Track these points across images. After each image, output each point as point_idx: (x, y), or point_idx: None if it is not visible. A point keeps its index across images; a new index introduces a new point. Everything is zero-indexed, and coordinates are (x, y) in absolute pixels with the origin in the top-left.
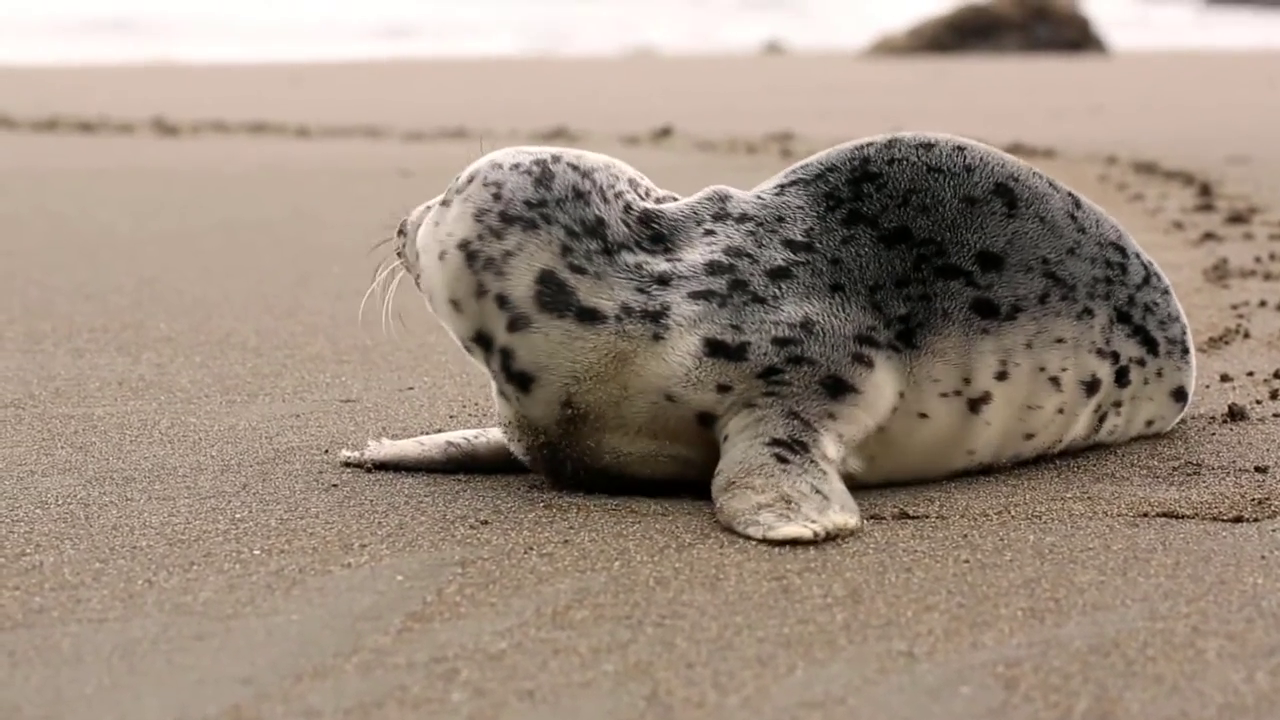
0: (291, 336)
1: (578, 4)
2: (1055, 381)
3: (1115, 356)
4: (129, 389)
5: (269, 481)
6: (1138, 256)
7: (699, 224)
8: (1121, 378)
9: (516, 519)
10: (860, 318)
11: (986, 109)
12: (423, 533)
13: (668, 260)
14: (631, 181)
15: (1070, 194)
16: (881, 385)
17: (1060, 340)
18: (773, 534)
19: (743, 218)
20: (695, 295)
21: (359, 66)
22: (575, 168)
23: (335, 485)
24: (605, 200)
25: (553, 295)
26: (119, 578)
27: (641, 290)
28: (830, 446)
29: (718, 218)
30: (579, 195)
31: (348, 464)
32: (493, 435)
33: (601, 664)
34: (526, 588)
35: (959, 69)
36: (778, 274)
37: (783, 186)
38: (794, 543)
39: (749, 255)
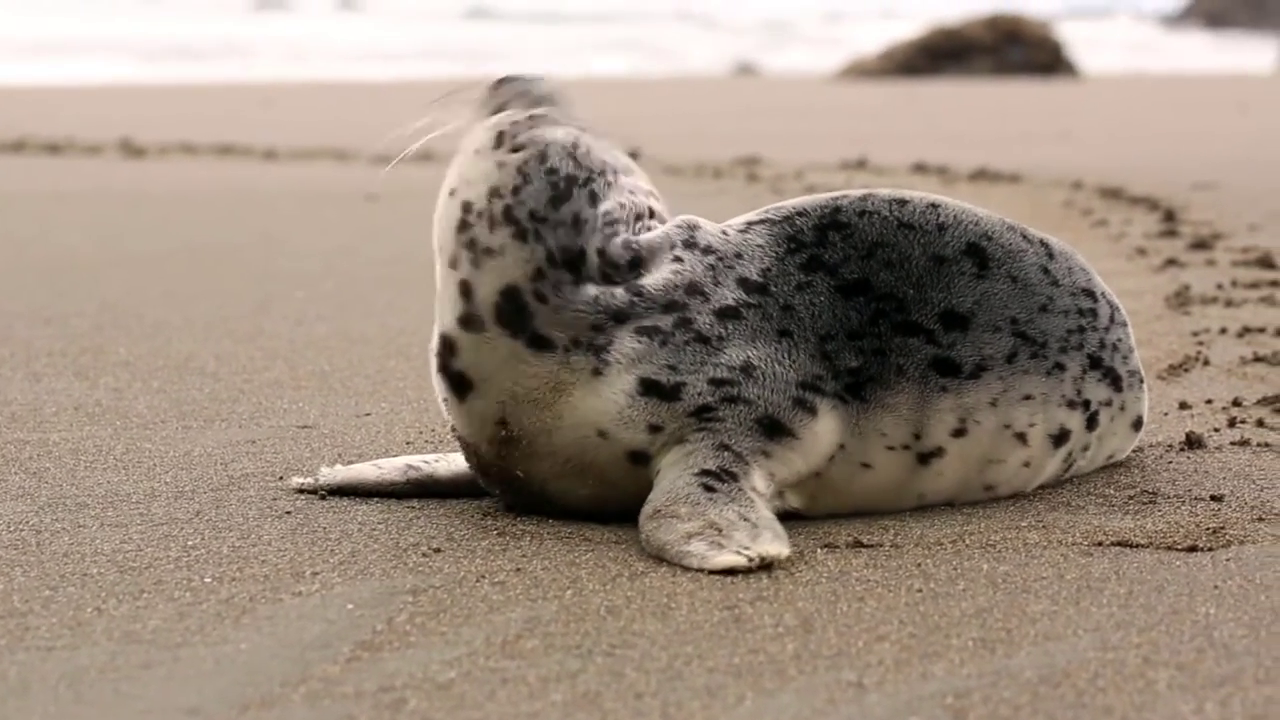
0: (250, 361)
1: (543, 27)
2: (1021, 437)
3: (1086, 404)
4: (85, 414)
5: (222, 508)
6: (1104, 296)
7: (671, 249)
8: (1092, 422)
9: (469, 546)
10: (807, 365)
11: (954, 132)
12: (375, 560)
13: (628, 291)
14: (638, 215)
15: (1043, 242)
16: (820, 434)
17: (1028, 397)
18: (708, 564)
19: (707, 249)
20: (640, 331)
21: (330, 88)
22: (594, 196)
23: (289, 512)
24: (597, 231)
25: (511, 313)
26: (68, 605)
27: (594, 327)
28: (760, 481)
29: (688, 245)
30: (577, 223)
31: (301, 490)
32: (453, 459)
33: (550, 694)
34: (477, 616)
35: (929, 92)
36: (726, 314)
37: (750, 224)
38: (730, 572)
39: (702, 293)
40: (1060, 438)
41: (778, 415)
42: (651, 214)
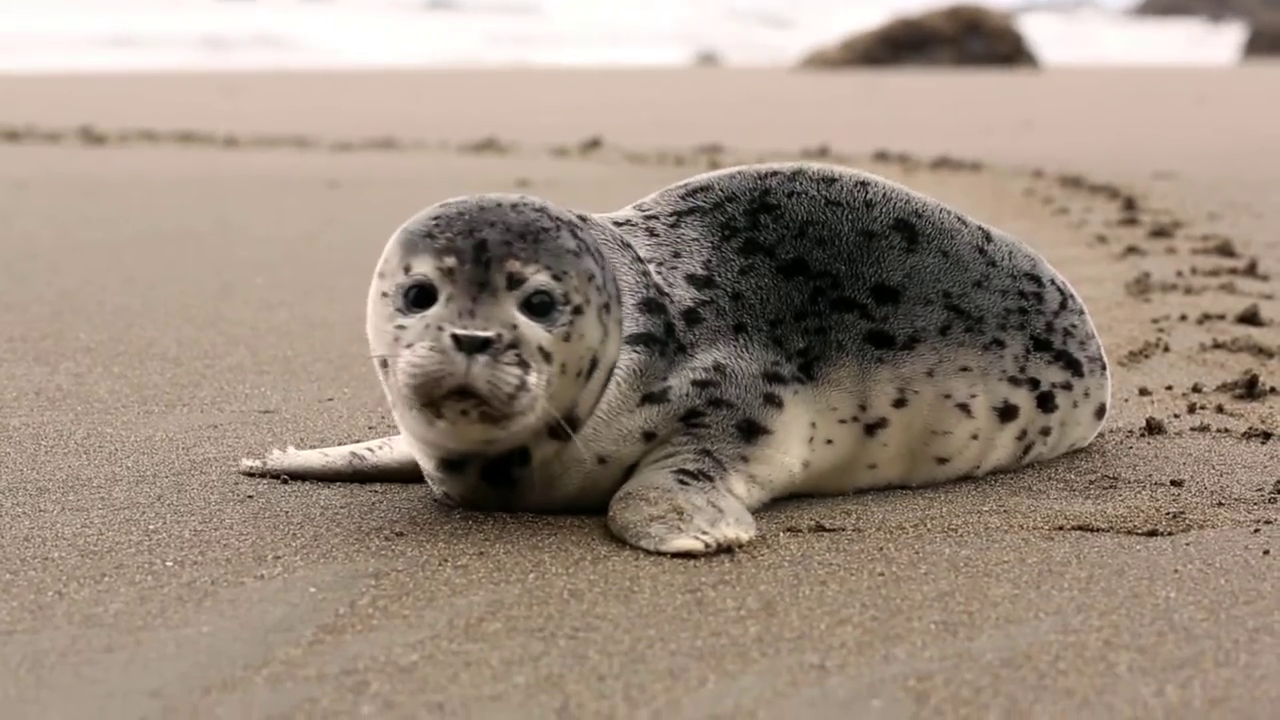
0: (212, 347)
1: (502, 18)
2: (965, 408)
3: (1034, 383)
4: (45, 399)
5: (184, 493)
6: (1053, 282)
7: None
8: (1046, 403)
9: (431, 531)
10: (763, 355)
11: (916, 122)
12: (337, 544)
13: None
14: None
15: (981, 228)
16: (791, 422)
17: (965, 369)
18: (664, 547)
19: (637, 258)
20: (635, 341)
21: (290, 76)
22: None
23: (250, 497)
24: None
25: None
26: (29, 589)
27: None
28: (739, 485)
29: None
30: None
31: (249, 473)
32: (397, 446)
33: (513, 676)
34: (440, 600)
35: (890, 82)
36: (689, 315)
37: (679, 215)
38: (687, 555)
39: (668, 295)
40: (1006, 412)
41: (753, 415)
42: None
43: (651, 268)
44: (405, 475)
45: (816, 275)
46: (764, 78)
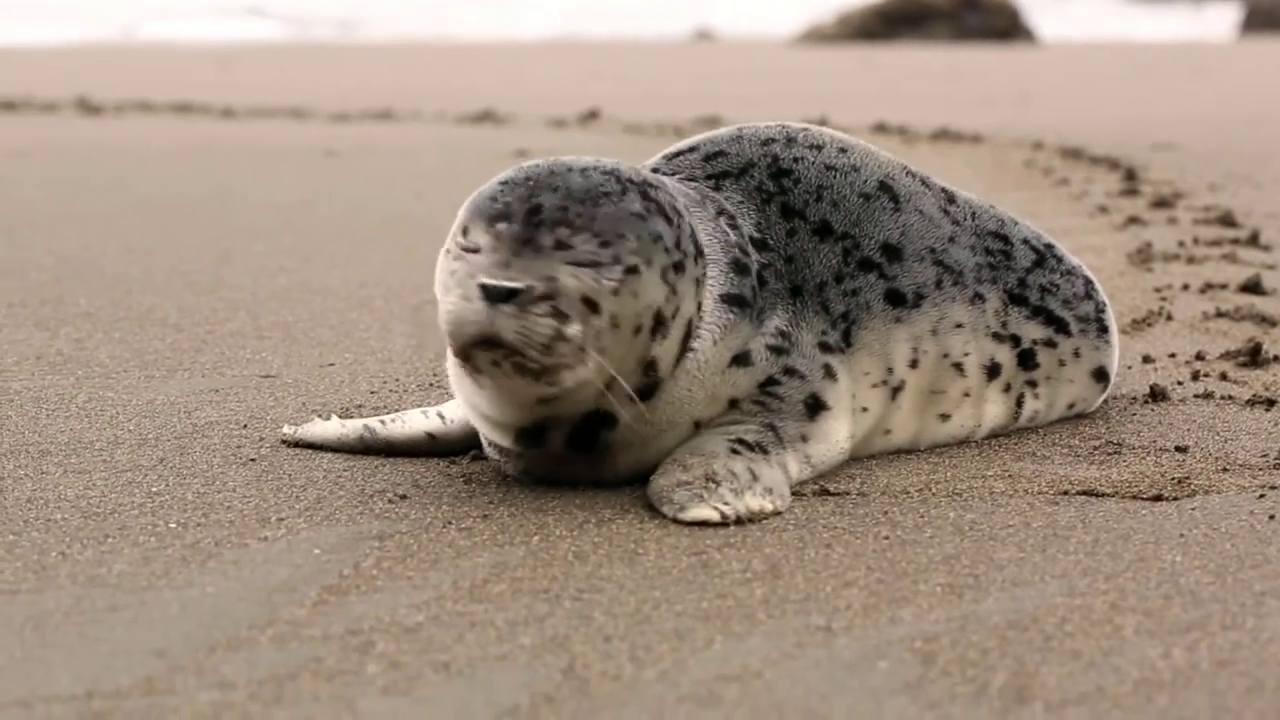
0: (213, 312)
1: None
2: (959, 367)
3: (1015, 339)
4: (46, 364)
5: (186, 456)
6: (1025, 242)
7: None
8: (1027, 360)
9: (435, 493)
10: (815, 323)
11: (914, 95)
12: (341, 507)
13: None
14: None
15: (944, 190)
16: (843, 395)
17: (960, 325)
18: (682, 515)
19: (720, 211)
20: (726, 300)
21: (286, 49)
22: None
23: (253, 460)
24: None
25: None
26: (32, 550)
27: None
28: (793, 464)
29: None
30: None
31: (285, 441)
32: (410, 420)
33: (518, 637)
34: (444, 561)
35: (888, 57)
36: (759, 278)
37: (715, 179)
38: (703, 524)
39: (749, 252)
40: (993, 370)
41: (816, 389)
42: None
43: (726, 223)
44: (416, 451)
45: (842, 237)
46: (761, 51)
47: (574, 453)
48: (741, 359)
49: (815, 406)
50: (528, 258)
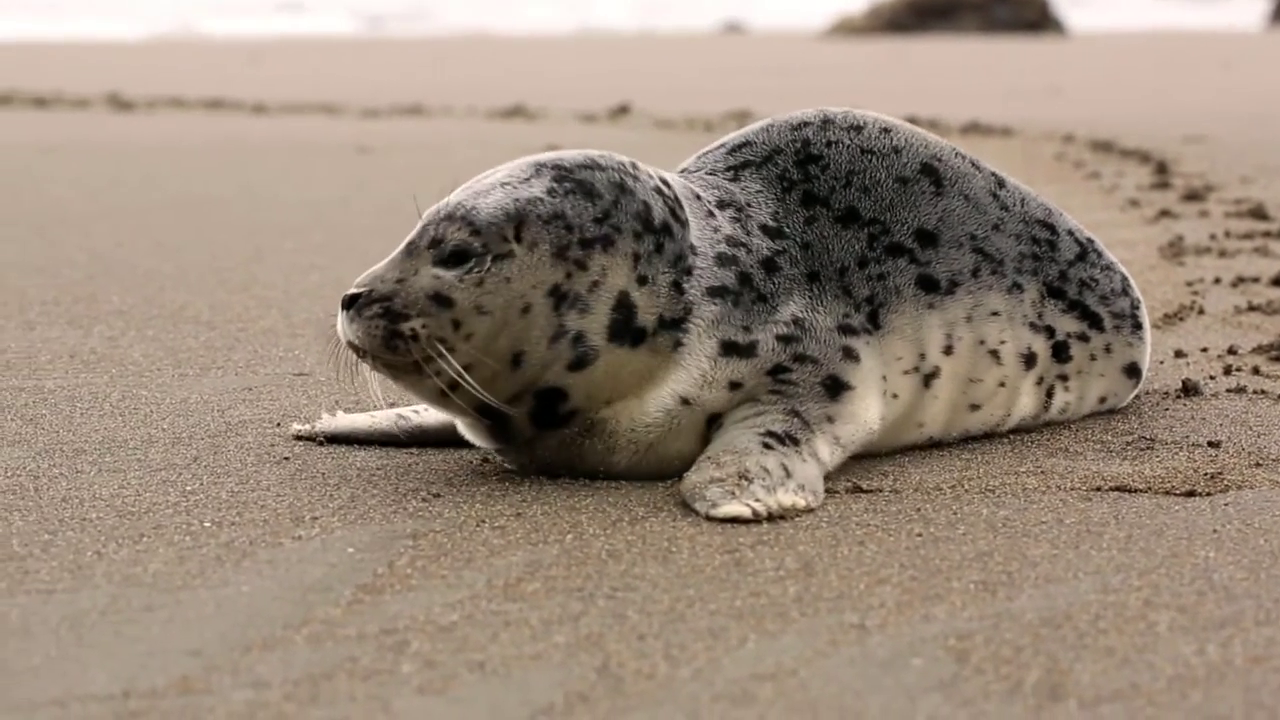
0: (245, 310)
1: None
2: (995, 355)
3: (1050, 331)
4: (80, 362)
5: (220, 454)
6: (1070, 234)
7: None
8: (1060, 353)
9: (469, 492)
10: (835, 307)
11: (944, 89)
12: (374, 505)
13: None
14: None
15: (994, 174)
16: (868, 376)
17: (995, 313)
18: (714, 512)
19: (721, 203)
20: (712, 293)
21: (317, 44)
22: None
23: (287, 458)
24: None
25: (622, 322)
26: (68, 549)
27: (675, 285)
28: (824, 449)
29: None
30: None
31: (299, 437)
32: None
33: (553, 636)
34: (478, 560)
35: (918, 49)
36: (768, 265)
37: (735, 170)
38: (735, 520)
39: (744, 245)
40: (1029, 359)
41: (835, 371)
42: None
43: (726, 217)
44: (448, 437)
45: (869, 222)
46: (791, 45)
47: (544, 431)
48: (740, 349)
49: (836, 387)
50: (400, 261)
